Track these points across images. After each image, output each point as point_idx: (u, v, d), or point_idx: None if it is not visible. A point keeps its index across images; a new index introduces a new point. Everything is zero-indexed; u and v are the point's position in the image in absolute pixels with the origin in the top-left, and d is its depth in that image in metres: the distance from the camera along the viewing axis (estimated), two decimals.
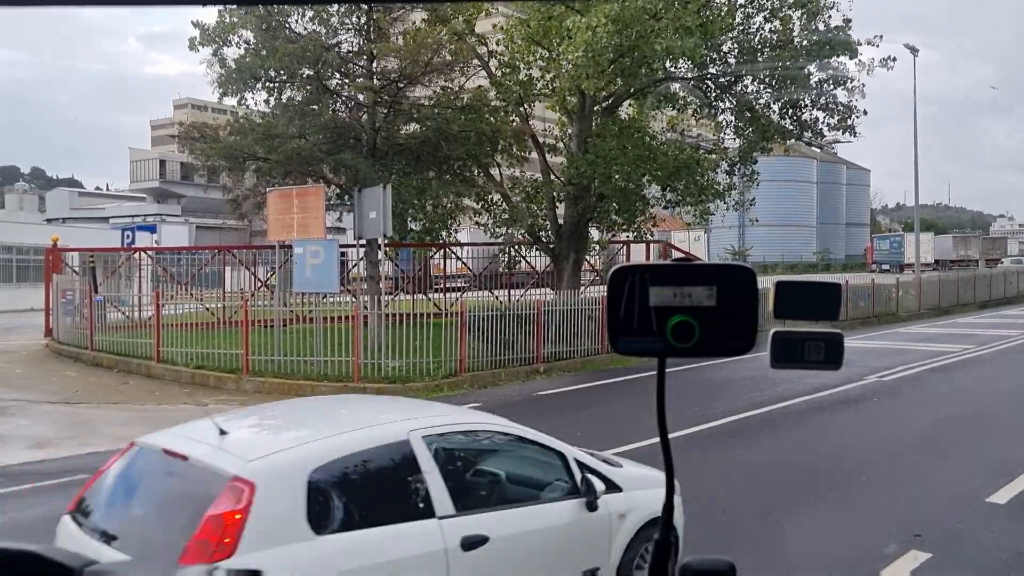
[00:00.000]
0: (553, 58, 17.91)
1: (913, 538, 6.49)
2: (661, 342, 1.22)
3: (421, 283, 23.22)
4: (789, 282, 1.35)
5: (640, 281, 1.21)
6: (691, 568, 1.25)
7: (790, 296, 1.34)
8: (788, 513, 7.28)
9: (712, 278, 1.21)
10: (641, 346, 1.24)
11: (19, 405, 13.16)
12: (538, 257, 23.22)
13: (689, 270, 1.22)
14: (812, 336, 1.33)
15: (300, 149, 16.53)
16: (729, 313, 1.21)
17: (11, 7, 0.97)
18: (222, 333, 16.73)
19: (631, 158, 17.42)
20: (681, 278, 1.21)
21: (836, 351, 1.32)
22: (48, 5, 1.01)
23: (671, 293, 1.21)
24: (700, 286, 1.20)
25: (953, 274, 39.98)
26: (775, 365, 1.33)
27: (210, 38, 17.17)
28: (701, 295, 1.20)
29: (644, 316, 1.21)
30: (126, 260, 22.30)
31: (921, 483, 8.39)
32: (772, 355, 1.33)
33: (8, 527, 7.08)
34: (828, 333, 1.33)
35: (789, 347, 1.32)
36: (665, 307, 1.20)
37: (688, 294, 1.20)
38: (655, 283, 1.21)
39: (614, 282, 1.23)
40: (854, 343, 20.91)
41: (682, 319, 1.20)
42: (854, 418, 11.82)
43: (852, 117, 18.33)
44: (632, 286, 1.22)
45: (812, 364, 1.32)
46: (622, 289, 1.22)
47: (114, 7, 1.76)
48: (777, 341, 1.33)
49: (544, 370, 16.02)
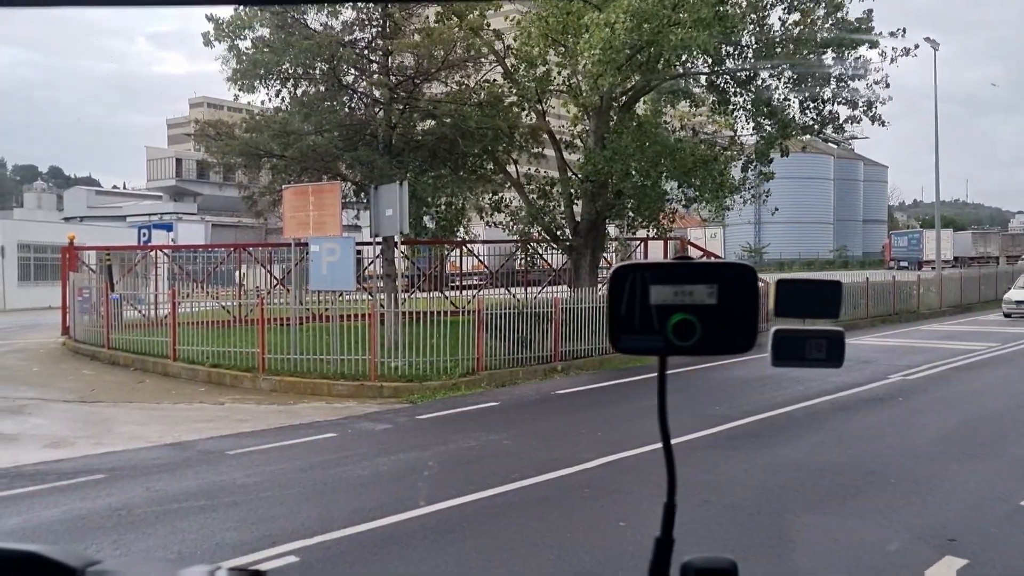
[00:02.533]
0: (570, 54, 17.75)
1: (947, 542, 6.30)
2: (662, 340, 1.20)
3: (437, 281, 23.10)
4: (790, 280, 1.35)
5: (641, 279, 1.21)
6: (693, 566, 1.22)
7: (791, 294, 1.35)
8: (817, 516, 7.09)
9: (713, 276, 1.21)
10: (642, 344, 1.22)
11: (35, 404, 13.14)
12: (555, 254, 23.05)
13: (690, 268, 1.21)
14: (813, 334, 1.32)
15: (316, 146, 16.45)
16: (730, 311, 1.20)
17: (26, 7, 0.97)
18: (238, 331, 16.68)
19: (649, 154, 17.24)
20: (682, 276, 1.21)
21: (837, 349, 1.32)
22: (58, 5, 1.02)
23: (672, 291, 1.20)
24: (701, 284, 1.20)
25: (974, 271, 39.52)
26: (776, 363, 1.33)
27: (224, 34, 17.10)
28: (702, 293, 1.20)
29: (645, 314, 1.20)
30: (142, 258, 22.31)
31: (951, 485, 8.18)
32: (773, 353, 1.33)
33: (24, 528, 7.00)
34: (829, 331, 1.32)
35: (790, 345, 1.32)
36: (666, 305, 1.20)
37: (689, 292, 1.20)
38: (656, 281, 1.20)
39: (615, 280, 1.22)
40: (875, 341, 20.64)
41: (683, 317, 1.19)
42: (879, 418, 11.59)
43: (876, 107, 18.08)
44: (633, 284, 1.21)
45: (813, 362, 1.32)
46: (623, 287, 1.21)
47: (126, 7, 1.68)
48: (778, 339, 1.33)
49: (562, 369, 15.87)
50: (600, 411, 12.21)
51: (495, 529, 6.92)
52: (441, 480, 8.34)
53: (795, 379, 13.78)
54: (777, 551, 6.22)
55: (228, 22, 17.08)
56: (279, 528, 6.76)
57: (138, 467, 9.18)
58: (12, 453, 9.89)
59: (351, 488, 8.13)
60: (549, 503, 7.68)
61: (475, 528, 6.92)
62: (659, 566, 1.24)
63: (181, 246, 28.84)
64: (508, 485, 7.97)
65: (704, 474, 8.29)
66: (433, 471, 8.69)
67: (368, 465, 9.00)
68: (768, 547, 6.28)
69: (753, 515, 7.13)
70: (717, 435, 10.09)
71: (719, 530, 6.61)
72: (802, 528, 6.85)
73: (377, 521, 6.86)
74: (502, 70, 19.39)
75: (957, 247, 62.91)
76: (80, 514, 7.43)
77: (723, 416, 11.12)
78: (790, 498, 7.62)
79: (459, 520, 7.08)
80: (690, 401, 12.17)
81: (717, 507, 7.31)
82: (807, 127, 19.09)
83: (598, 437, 10.14)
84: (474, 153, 18.61)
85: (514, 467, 8.59)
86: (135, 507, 7.35)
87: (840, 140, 22.21)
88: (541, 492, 7.92)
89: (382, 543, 6.53)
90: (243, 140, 17.80)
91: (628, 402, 12.78)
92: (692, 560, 1.22)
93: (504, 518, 7.19)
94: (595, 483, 8.16)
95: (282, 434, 10.86)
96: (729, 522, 6.96)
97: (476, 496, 7.61)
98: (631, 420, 10.90)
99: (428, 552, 6.45)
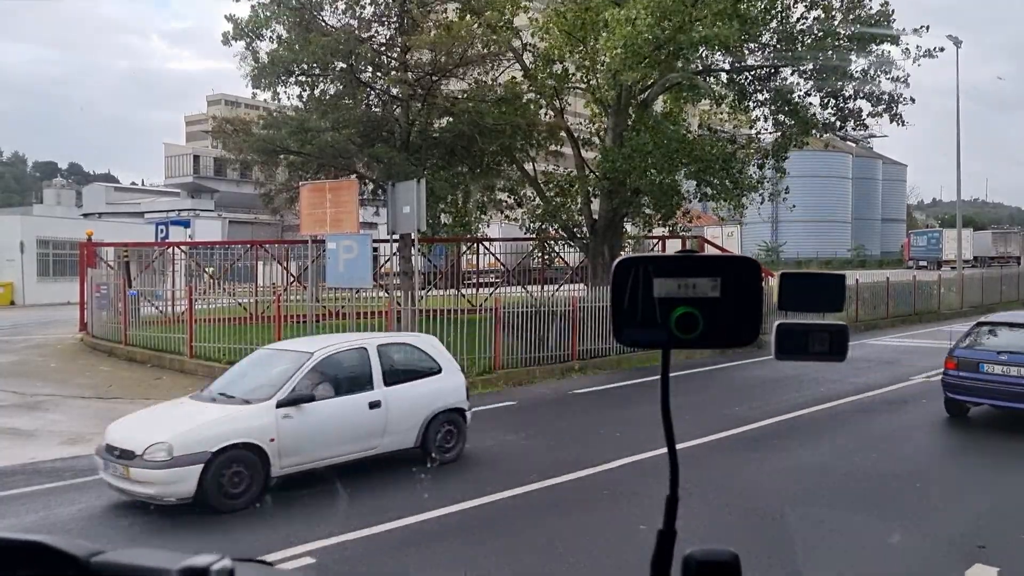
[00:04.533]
0: (590, 51, 17.61)
1: (977, 549, 6.15)
2: (665, 333, 1.21)
3: (453, 278, 23.03)
4: (793, 274, 1.35)
5: (644, 273, 1.21)
6: (694, 559, 1.21)
7: (794, 288, 1.35)
8: (842, 521, 6.95)
9: (716, 270, 1.21)
10: (645, 337, 1.24)
11: (53, 400, 13.16)
12: (573, 252, 22.92)
13: (693, 262, 1.22)
14: (816, 328, 1.33)
15: (333, 142, 16.40)
16: (733, 305, 1.21)
17: None
18: (255, 328, 16.65)
19: (667, 152, 17.08)
20: (685, 270, 1.21)
21: (841, 342, 1.33)
22: None
23: (675, 285, 1.21)
24: (704, 277, 1.21)
25: (995, 271, 39.04)
26: (779, 357, 1.33)
27: (243, 32, 17.09)
28: (705, 286, 1.21)
29: (648, 307, 1.21)
30: (159, 255, 22.36)
31: (978, 490, 8.03)
32: (776, 347, 1.33)
33: (41, 525, 6.97)
34: (833, 325, 1.33)
35: (793, 339, 1.33)
36: (669, 298, 1.21)
37: (692, 285, 1.21)
38: (659, 275, 1.21)
39: (618, 274, 1.22)
40: (897, 341, 20.41)
41: (686, 310, 1.20)
42: (903, 421, 11.41)
43: (897, 105, 17.84)
44: (636, 278, 1.21)
45: (817, 356, 1.33)
46: (626, 281, 1.22)
47: None
48: (781, 333, 1.33)
49: (579, 368, 15.75)
50: (618, 411, 12.08)
51: (514, 531, 6.83)
52: (458, 481, 8.25)
53: (816, 380, 13.61)
54: (802, 557, 6.09)
55: (247, 21, 17.07)
56: (295, 528, 6.70)
57: None
58: (30, 449, 9.90)
59: (368, 487, 8.06)
60: (568, 504, 7.59)
61: (493, 529, 6.83)
62: (661, 558, 1.24)
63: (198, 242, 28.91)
64: (526, 486, 7.88)
65: (726, 477, 8.16)
66: (437, 470, 8.61)
67: (385, 464, 8.92)
68: (793, 552, 6.15)
69: (776, 519, 7.01)
70: (738, 437, 9.95)
71: (742, 534, 6.49)
72: (827, 533, 6.71)
73: (394, 522, 6.79)
74: (520, 67, 19.27)
75: (977, 247, 62.19)
76: (96, 512, 7.40)
77: (744, 417, 10.98)
78: (814, 502, 7.48)
79: (477, 521, 7.00)
80: (710, 401, 12.01)
81: (739, 511, 7.19)
82: (828, 124, 18.87)
83: (617, 438, 10.03)
84: (491, 150, 18.49)
85: (532, 467, 8.50)
86: (151, 506, 7.31)
87: (860, 138, 21.97)
88: (560, 493, 7.82)
89: (399, 544, 6.45)
90: (260, 137, 17.78)
91: (647, 402, 12.63)
92: (693, 552, 1.22)
93: (523, 519, 7.10)
94: (614, 484, 8.06)
95: None
96: (752, 526, 6.84)
97: (494, 497, 7.53)
98: (650, 421, 10.72)
99: (446, 553, 6.37)
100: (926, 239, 65.44)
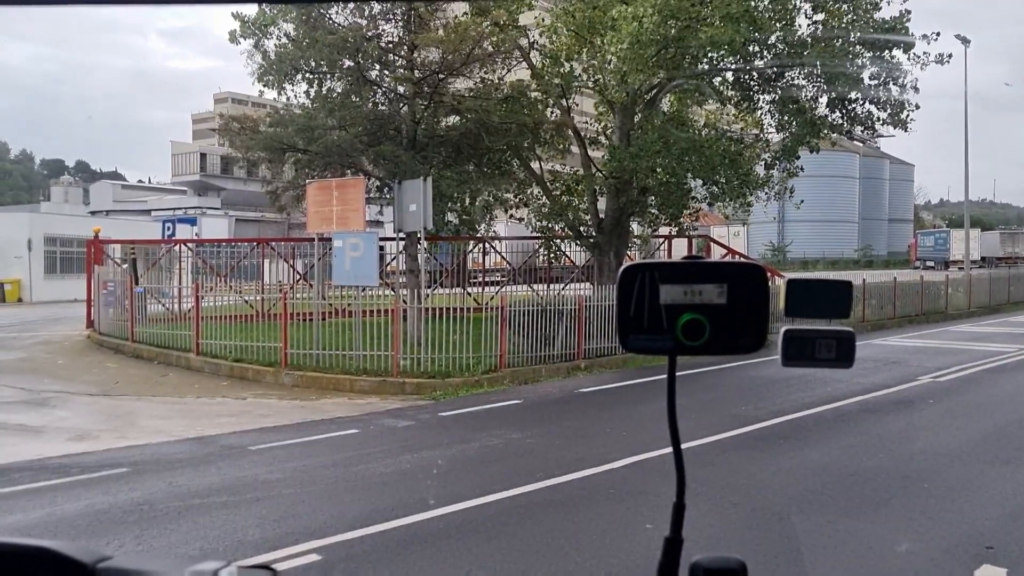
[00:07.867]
0: (597, 50, 17.58)
1: (985, 551, 6.12)
2: (671, 340, 1.21)
3: (459, 277, 23.03)
4: (800, 280, 1.35)
5: (650, 279, 1.21)
6: (701, 566, 1.22)
7: (801, 294, 1.35)
8: (849, 522, 6.92)
9: (723, 276, 1.21)
10: (651, 344, 1.23)
11: (60, 397, 13.20)
12: (578, 251, 22.91)
13: (699, 268, 1.22)
14: (823, 334, 1.32)
15: (340, 141, 16.41)
16: (740, 311, 1.21)
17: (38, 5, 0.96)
18: (261, 326, 16.69)
19: (674, 151, 17.05)
20: (691, 276, 1.21)
21: (848, 349, 1.32)
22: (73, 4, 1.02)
23: (681, 291, 1.21)
24: (711, 284, 1.20)
25: (1003, 271, 38.89)
26: (786, 363, 1.33)
27: (250, 31, 17.12)
28: (712, 293, 1.20)
29: (654, 314, 1.21)
30: (166, 252, 22.41)
31: (986, 491, 7.98)
32: (783, 353, 1.33)
33: (47, 522, 6.98)
34: (839, 331, 1.32)
35: (800, 345, 1.32)
36: (675, 305, 1.20)
37: (698, 292, 1.20)
38: (665, 281, 1.21)
39: (624, 280, 1.22)
40: (904, 342, 20.33)
41: (692, 317, 1.20)
42: (910, 421, 11.37)
43: (905, 112, 17.77)
44: (642, 284, 1.21)
45: (823, 362, 1.32)
46: (632, 287, 1.21)
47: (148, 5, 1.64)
48: (788, 339, 1.33)
49: (585, 366, 15.74)
50: (624, 410, 12.07)
51: (520, 530, 6.81)
52: (464, 479, 8.25)
53: (823, 380, 13.57)
54: (808, 558, 6.06)
55: (254, 19, 17.11)
56: (301, 526, 6.70)
57: (161, 461, 9.16)
58: (36, 446, 9.92)
59: (374, 486, 8.06)
60: (574, 504, 7.57)
61: (499, 528, 6.82)
62: (668, 565, 1.24)
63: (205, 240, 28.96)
64: (532, 485, 7.86)
65: (731, 477, 8.14)
66: (443, 468, 8.60)
67: (391, 463, 8.93)
68: (798, 554, 6.13)
69: (783, 520, 6.98)
70: (744, 436, 9.93)
71: (747, 535, 6.47)
72: (833, 534, 6.68)
73: (400, 520, 6.78)
74: (527, 66, 19.25)
75: (985, 247, 62.02)
76: (103, 508, 7.40)
77: (750, 417, 10.95)
78: (821, 503, 7.45)
79: (483, 520, 6.98)
80: (717, 401, 12.00)
81: (745, 511, 7.17)
82: (836, 126, 18.81)
83: (623, 437, 10.01)
84: (498, 148, 18.49)
85: (538, 466, 8.49)
86: (157, 502, 7.32)
87: (867, 139, 21.94)
88: (566, 492, 7.80)
89: (405, 542, 6.44)
90: (267, 135, 17.80)
91: (653, 401, 12.63)
92: (701, 560, 1.22)
93: (529, 519, 7.08)
94: (620, 484, 8.04)
95: (304, 430, 10.82)
96: (757, 527, 6.82)
97: (500, 496, 7.51)
98: (656, 420, 10.75)
99: (452, 552, 6.35)
100: (933, 239, 65.31)
